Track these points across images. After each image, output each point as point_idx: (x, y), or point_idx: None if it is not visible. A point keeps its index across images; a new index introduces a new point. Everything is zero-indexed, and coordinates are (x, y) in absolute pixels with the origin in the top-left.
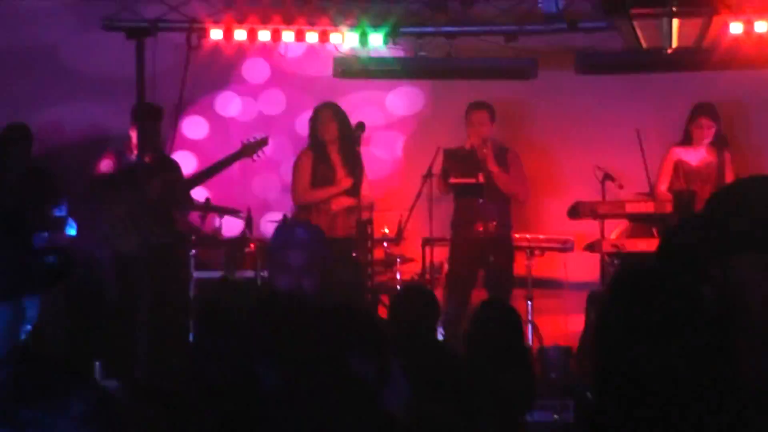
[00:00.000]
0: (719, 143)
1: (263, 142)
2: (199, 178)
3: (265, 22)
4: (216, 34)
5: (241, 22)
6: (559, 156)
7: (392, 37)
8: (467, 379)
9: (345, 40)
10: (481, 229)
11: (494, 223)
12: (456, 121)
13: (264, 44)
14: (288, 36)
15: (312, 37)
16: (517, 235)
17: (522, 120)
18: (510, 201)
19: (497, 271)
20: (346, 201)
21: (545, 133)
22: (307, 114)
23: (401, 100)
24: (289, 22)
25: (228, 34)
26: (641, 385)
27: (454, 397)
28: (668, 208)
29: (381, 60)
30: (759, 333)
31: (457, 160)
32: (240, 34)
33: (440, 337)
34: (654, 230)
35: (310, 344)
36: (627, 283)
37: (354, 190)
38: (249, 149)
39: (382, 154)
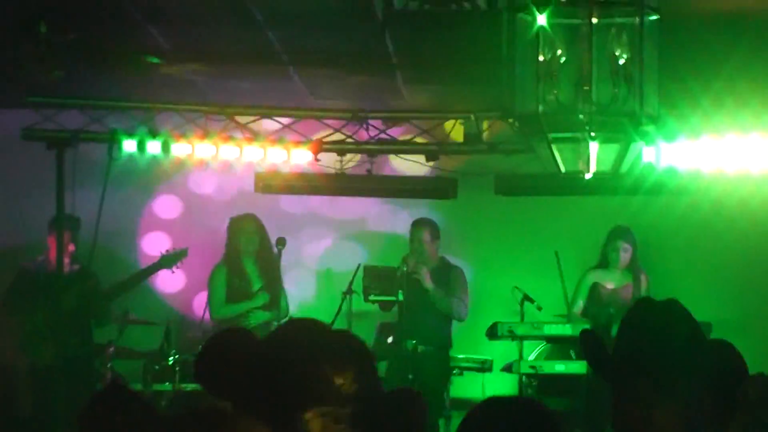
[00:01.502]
0: (635, 266)
1: (183, 253)
2: (117, 289)
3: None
4: (131, 146)
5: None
6: (479, 276)
7: (314, 153)
8: None
9: (266, 155)
10: (404, 346)
11: (414, 342)
12: (378, 237)
13: None
14: (205, 150)
15: (230, 152)
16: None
17: (441, 239)
18: (443, 318)
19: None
20: (263, 316)
21: (464, 253)
22: None
23: (323, 215)
24: (206, 136)
25: (145, 146)
26: None
27: None
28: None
29: (302, 176)
30: None
31: (378, 277)
32: (155, 147)
33: None
34: (572, 352)
35: None
36: (481, 413)
37: (272, 305)
38: (168, 261)
39: (303, 269)
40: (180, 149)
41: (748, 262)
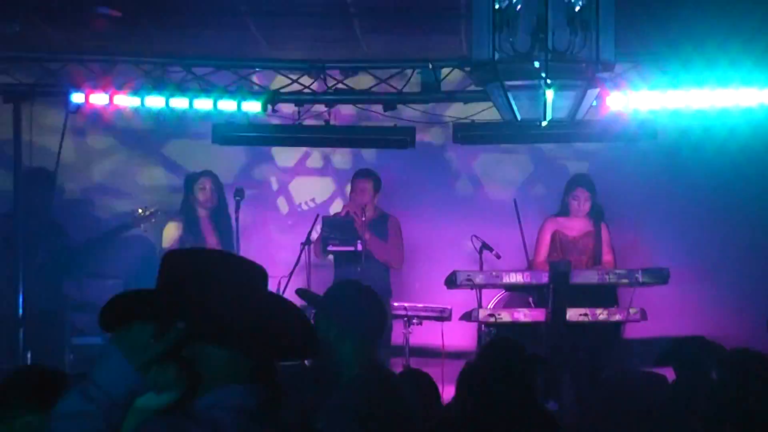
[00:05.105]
0: (596, 214)
1: (153, 213)
2: (92, 245)
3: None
4: (95, 99)
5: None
6: (437, 225)
7: (271, 103)
8: None
9: (224, 107)
10: None
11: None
12: (335, 188)
13: None
14: (163, 102)
15: (187, 103)
16: (395, 304)
17: (400, 188)
18: (383, 268)
19: None
20: None
21: (423, 202)
22: None
23: (283, 166)
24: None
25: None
26: None
27: None
28: (545, 278)
29: (259, 127)
30: None
31: (336, 227)
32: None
33: None
34: (531, 300)
35: None
36: None
37: None
38: (137, 221)
39: (262, 219)
40: (138, 101)
41: (707, 209)
